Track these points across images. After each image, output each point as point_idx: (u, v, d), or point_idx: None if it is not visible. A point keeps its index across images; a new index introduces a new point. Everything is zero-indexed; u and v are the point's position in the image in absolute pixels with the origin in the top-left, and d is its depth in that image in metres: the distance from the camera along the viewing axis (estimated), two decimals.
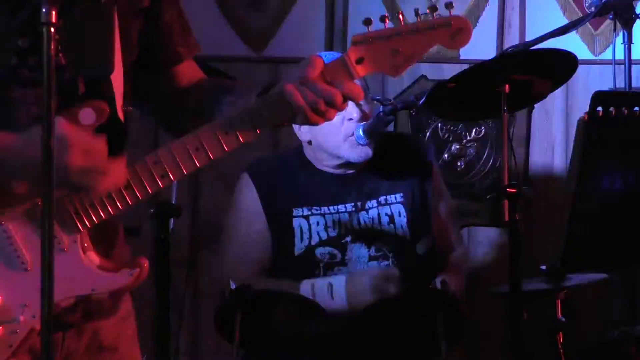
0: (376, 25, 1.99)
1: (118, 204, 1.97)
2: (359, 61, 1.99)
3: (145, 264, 2.01)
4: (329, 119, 2.02)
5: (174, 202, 3.52)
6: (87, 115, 1.95)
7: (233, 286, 3.01)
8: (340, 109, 2.00)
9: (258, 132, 2.01)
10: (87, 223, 1.97)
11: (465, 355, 4.39)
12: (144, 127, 2.29)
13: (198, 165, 1.99)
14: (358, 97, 2.00)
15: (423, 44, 2.00)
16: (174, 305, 3.78)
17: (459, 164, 4.51)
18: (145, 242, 3.82)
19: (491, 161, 4.49)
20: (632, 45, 3.91)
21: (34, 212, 1.94)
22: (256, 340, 3.07)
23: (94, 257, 1.99)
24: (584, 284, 3.57)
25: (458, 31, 2.01)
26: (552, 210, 4.36)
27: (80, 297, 1.98)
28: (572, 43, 4.24)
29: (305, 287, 3.22)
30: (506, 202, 3.00)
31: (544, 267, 3.38)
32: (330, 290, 3.21)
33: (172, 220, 3.39)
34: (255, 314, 3.04)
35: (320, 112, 1.98)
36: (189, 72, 2.23)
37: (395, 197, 3.44)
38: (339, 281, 3.23)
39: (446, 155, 4.50)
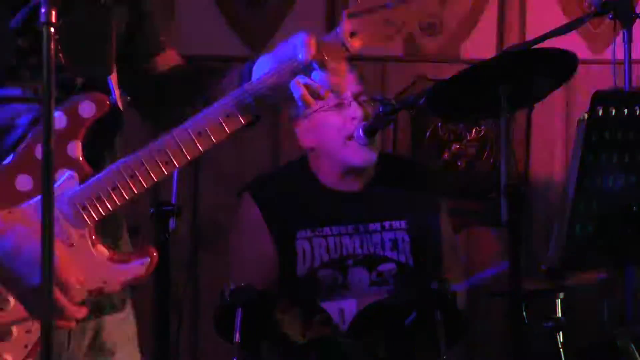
0: None
1: (124, 193, 1.98)
2: (353, 35, 2.00)
3: (155, 252, 2.02)
4: (324, 99, 2.03)
5: (174, 202, 3.52)
6: (87, 107, 1.95)
7: (233, 286, 3.01)
8: (341, 94, 2.04)
9: (258, 111, 2.02)
10: (94, 216, 1.97)
11: (465, 355, 4.39)
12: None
13: (202, 149, 1.99)
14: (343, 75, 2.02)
15: (414, 12, 2.01)
16: (174, 305, 3.78)
17: (459, 164, 4.51)
18: (145, 242, 3.82)
19: (491, 161, 4.49)
20: (632, 44, 3.91)
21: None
22: (256, 341, 3.07)
23: (103, 250, 1.99)
24: (584, 284, 3.57)
25: None
26: (552, 211, 4.36)
27: (93, 291, 1.99)
28: (572, 43, 4.24)
29: None
30: (506, 201, 2.99)
31: (543, 267, 3.38)
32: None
33: (172, 220, 3.39)
34: (255, 314, 3.03)
35: (319, 96, 2.00)
36: (170, 60, 2.24)
37: (400, 224, 3.43)
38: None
39: (446, 155, 4.50)
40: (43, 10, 1.70)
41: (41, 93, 1.93)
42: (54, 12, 1.71)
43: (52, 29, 1.71)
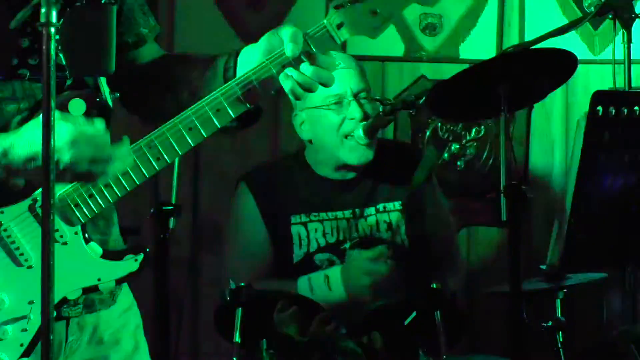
0: None
1: (117, 191, 1.98)
2: (340, 26, 2.00)
3: (147, 248, 2.02)
4: (313, 92, 2.03)
5: (174, 202, 3.51)
6: (78, 105, 1.95)
7: (233, 286, 3.01)
8: (329, 86, 2.03)
9: (248, 105, 2.02)
10: (87, 214, 1.97)
11: (465, 355, 4.39)
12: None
13: (192, 144, 1.99)
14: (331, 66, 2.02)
15: (399, 2, 2.01)
16: (174, 305, 3.78)
17: (458, 164, 4.51)
18: (145, 242, 3.82)
19: (491, 161, 4.49)
20: (631, 44, 3.91)
21: (34, 209, 1.95)
22: (256, 340, 3.07)
23: (96, 248, 2.00)
24: (584, 284, 3.56)
25: None
26: (552, 210, 4.36)
27: (87, 288, 1.99)
28: (572, 43, 4.24)
29: (303, 283, 3.23)
30: (505, 201, 2.99)
31: (544, 267, 3.38)
32: (327, 282, 3.21)
33: (172, 220, 3.39)
34: (256, 314, 3.04)
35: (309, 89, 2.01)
36: (152, 53, 2.23)
37: (394, 205, 3.44)
38: (334, 271, 3.24)
39: (446, 155, 4.50)
40: (43, 10, 1.70)
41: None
42: (54, 12, 1.71)
43: (52, 29, 1.71)
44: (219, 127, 2.00)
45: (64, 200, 1.95)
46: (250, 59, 2.03)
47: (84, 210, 1.97)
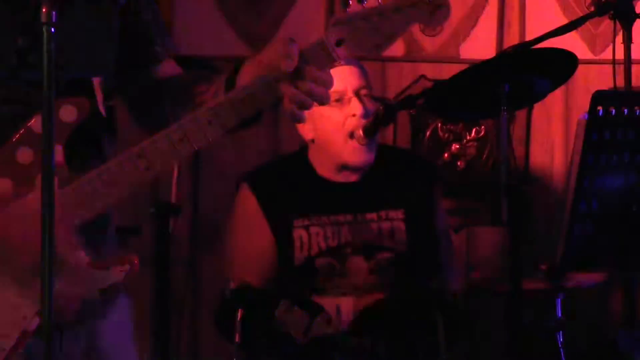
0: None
1: (104, 199, 1.96)
2: (339, 43, 1.96)
3: (135, 260, 2.00)
4: (308, 109, 2.00)
5: (174, 202, 3.52)
6: (68, 112, 1.94)
7: (233, 286, 3.01)
8: (326, 103, 2.00)
9: (240, 119, 2.00)
10: (74, 221, 1.96)
11: (465, 355, 4.39)
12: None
13: (182, 155, 1.98)
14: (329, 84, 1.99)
15: (403, 22, 1.96)
16: (174, 305, 3.79)
17: (458, 164, 4.51)
18: (145, 242, 3.83)
19: (491, 161, 4.49)
20: (631, 45, 3.91)
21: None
22: (256, 341, 3.08)
23: (82, 256, 1.98)
24: (584, 284, 3.57)
25: (437, 7, 1.96)
26: (552, 210, 4.36)
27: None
28: (572, 43, 4.23)
29: None
30: (506, 201, 3.00)
31: (544, 267, 3.38)
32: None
33: (172, 220, 3.39)
34: (256, 314, 3.04)
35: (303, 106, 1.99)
36: (166, 71, 2.22)
37: (397, 214, 3.43)
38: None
39: (446, 155, 4.50)
40: (43, 11, 1.70)
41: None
42: (54, 12, 1.71)
43: (52, 29, 1.71)
44: (210, 140, 1.97)
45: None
46: (250, 74, 2.02)
47: (71, 217, 1.95)
